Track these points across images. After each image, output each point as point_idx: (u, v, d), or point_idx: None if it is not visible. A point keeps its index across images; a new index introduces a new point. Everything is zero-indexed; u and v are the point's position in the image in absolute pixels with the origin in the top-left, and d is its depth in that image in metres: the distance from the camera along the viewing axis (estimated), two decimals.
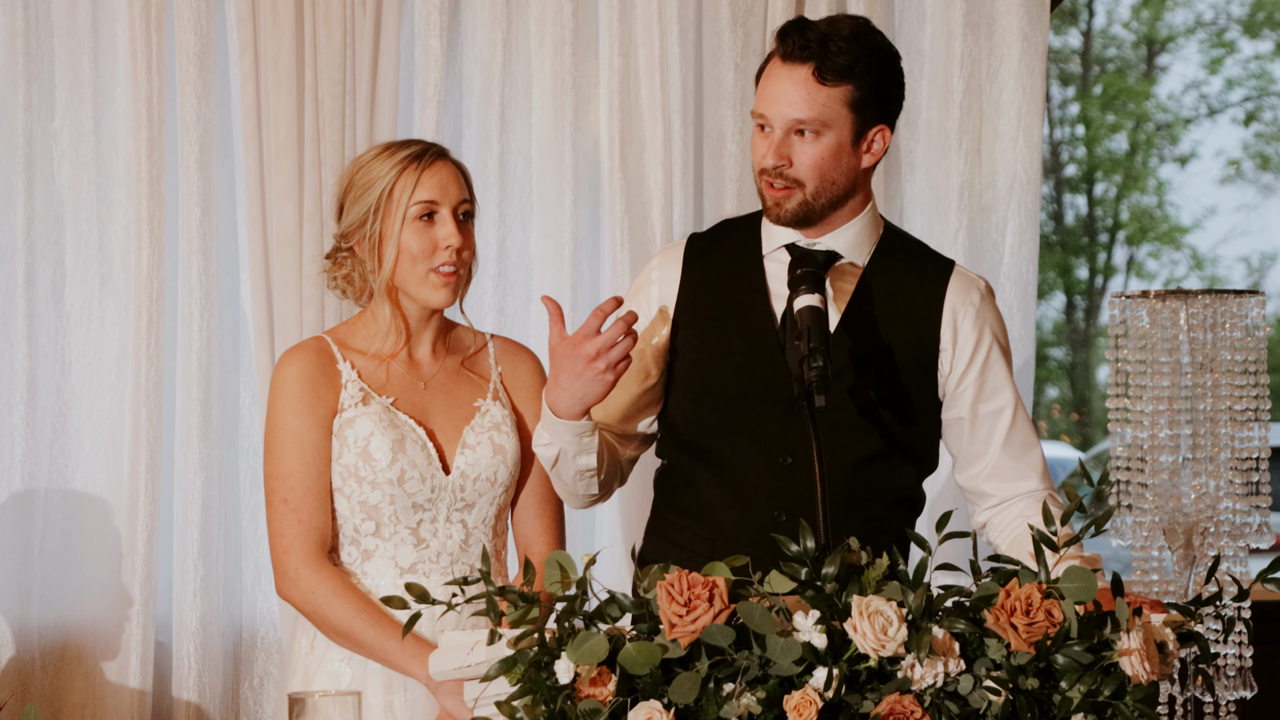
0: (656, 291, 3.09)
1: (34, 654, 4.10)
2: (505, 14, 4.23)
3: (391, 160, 3.05)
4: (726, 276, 3.05)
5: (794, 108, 2.90)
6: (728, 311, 3.03)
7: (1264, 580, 2.42)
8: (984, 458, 3.06)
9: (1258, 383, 3.16)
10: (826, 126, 2.91)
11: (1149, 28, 17.85)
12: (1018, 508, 3.05)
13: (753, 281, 3.03)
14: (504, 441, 3.11)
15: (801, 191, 2.94)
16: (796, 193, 2.94)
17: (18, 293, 4.09)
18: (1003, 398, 3.07)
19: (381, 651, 2.98)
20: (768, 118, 2.93)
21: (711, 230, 3.17)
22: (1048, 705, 2.25)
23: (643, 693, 2.20)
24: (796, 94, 2.90)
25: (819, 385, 2.67)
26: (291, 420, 3.04)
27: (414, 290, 3.06)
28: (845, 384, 2.97)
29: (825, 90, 2.90)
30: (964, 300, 3.05)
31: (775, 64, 2.93)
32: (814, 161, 2.93)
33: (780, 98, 2.90)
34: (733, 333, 3.02)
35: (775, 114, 2.91)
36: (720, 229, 3.16)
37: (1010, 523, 3.04)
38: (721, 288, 3.05)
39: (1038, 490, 3.06)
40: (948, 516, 2.34)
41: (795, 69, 2.90)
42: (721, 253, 3.08)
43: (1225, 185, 17.71)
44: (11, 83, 4.10)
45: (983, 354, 3.05)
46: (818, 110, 2.90)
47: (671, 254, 3.11)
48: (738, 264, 3.05)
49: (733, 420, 3.00)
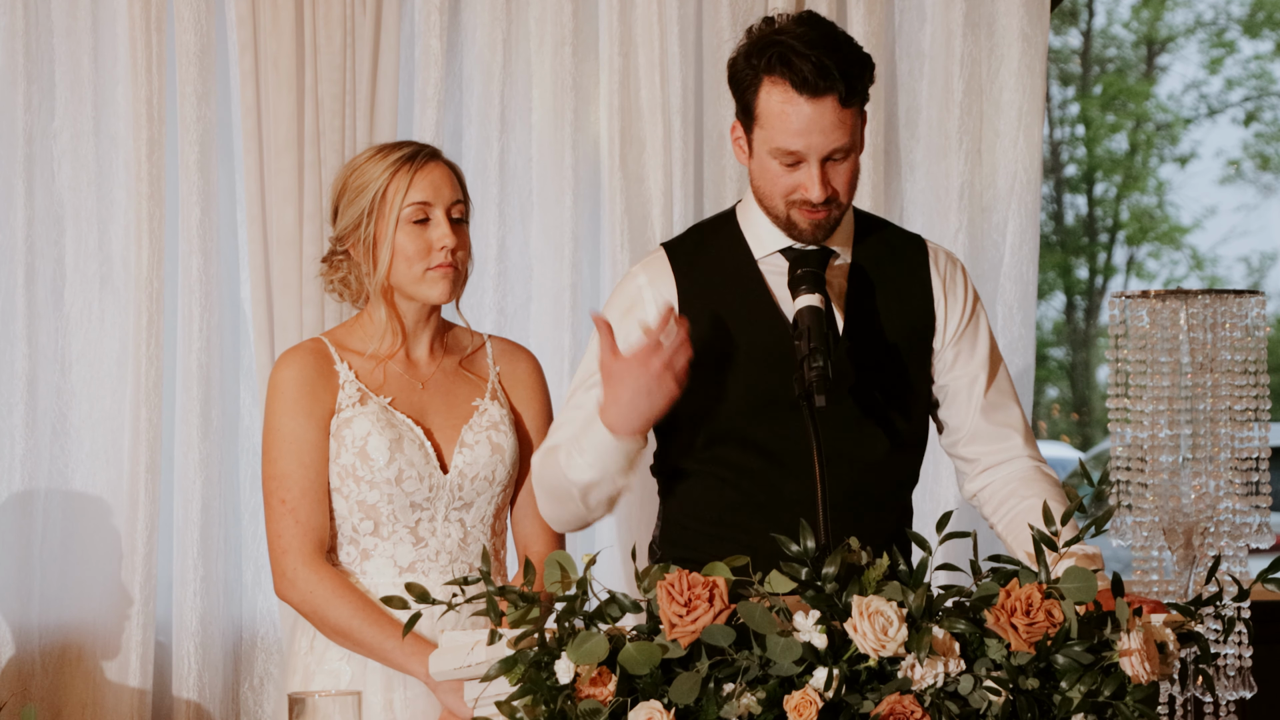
0: (654, 306, 3.01)
1: (34, 654, 4.10)
2: (505, 14, 4.23)
3: (384, 162, 3.05)
4: (724, 283, 3.02)
5: (829, 139, 2.86)
6: (735, 318, 3.01)
7: (1264, 580, 2.42)
8: (969, 418, 3.09)
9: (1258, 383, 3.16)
10: (855, 146, 2.91)
11: (1149, 28, 17.85)
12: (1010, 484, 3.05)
13: (754, 286, 3.01)
14: (502, 441, 3.11)
15: (839, 210, 2.95)
16: (834, 213, 2.94)
17: (18, 293, 4.09)
18: (988, 356, 3.11)
19: (381, 650, 2.98)
20: (801, 153, 2.87)
21: (688, 237, 3.12)
22: (1048, 705, 2.25)
23: (643, 693, 2.20)
24: (829, 124, 2.85)
25: (819, 385, 2.67)
26: (289, 421, 3.04)
27: (411, 289, 3.06)
28: (851, 383, 2.97)
29: (849, 113, 2.88)
30: (947, 269, 3.10)
31: (788, 95, 2.85)
32: (848, 181, 2.92)
33: (814, 130, 2.85)
34: (745, 339, 2.99)
35: (812, 146, 2.86)
36: (697, 234, 3.11)
37: (1005, 502, 3.05)
38: (722, 295, 3.01)
39: (1022, 456, 3.08)
40: (948, 516, 2.34)
41: (821, 101, 2.84)
42: (710, 259, 3.04)
43: (1225, 185, 17.72)
44: (11, 83, 4.10)
45: (969, 318, 3.09)
46: (848, 135, 2.88)
47: (657, 265, 3.05)
48: (732, 269, 3.02)
49: (760, 425, 2.98)
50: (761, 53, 2.88)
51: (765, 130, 2.89)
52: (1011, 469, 3.08)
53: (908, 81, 4.40)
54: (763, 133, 2.89)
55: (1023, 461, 3.08)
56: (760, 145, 2.91)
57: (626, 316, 3.01)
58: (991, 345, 3.12)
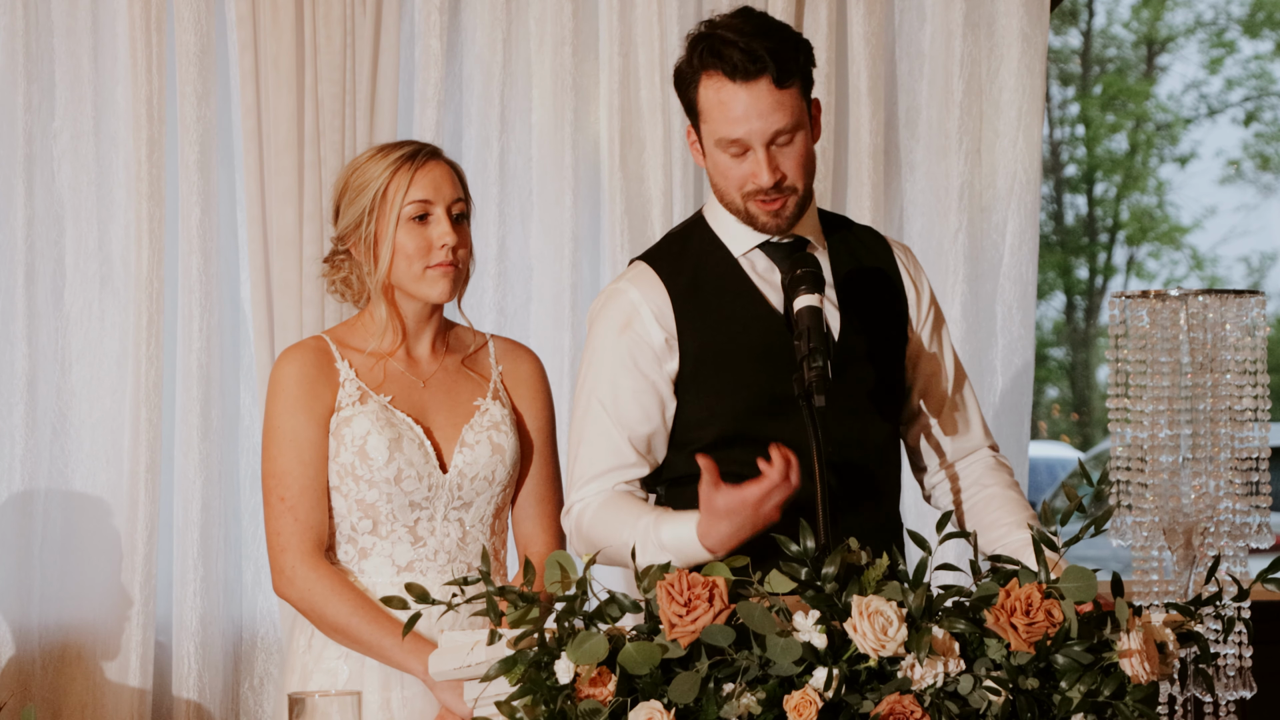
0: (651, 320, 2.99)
1: (34, 654, 4.10)
2: (505, 14, 4.23)
3: (385, 161, 3.06)
4: (712, 287, 3.01)
5: (768, 121, 2.88)
6: (730, 320, 3.01)
7: (1264, 580, 2.42)
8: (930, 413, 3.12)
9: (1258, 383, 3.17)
10: (798, 126, 2.91)
11: (1149, 28, 17.85)
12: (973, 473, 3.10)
13: (740, 286, 3.01)
14: (503, 441, 3.11)
15: (795, 196, 2.95)
16: (791, 199, 2.95)
17: (18, 293, 4.09)
18: (946, 350, 3.14)
19: (379, 648, 2.99)
20: (744, 140, 2.89)
21: (664, 247, 3.10)
22: (1048, 705, 2.25)
23: (643, 693, 2.20)
24: (765, 106, 2.87)
25: (819, 385, 2.67)
26: (288, 419, 3.04)
27: (412, 288, 3.06)
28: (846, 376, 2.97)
29: (786, 93, 2.89)
30: (908, 260, 3.13)
31: (722, 84, 2.88)
32: (799, 163, 2.93)
33: (752, 115, 2.88)
34: (744, 338, 3.00)
35: (753, 132, 2.88)
36: (672, 244, 3.10)
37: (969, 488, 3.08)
38: (713, 299, 3.00)
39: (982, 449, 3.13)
40: (948, 516, 2.35)
41: (753, 84, 2.87)
42: (692, 266, 3.03)
43: (1225, 185, 17.72)
44: (11, 83, 4.10)
45: (930, 306, 3.13)
46: (787, 115, 2.89)
47: (644, 278, 3.02)
48: (717, 272, 3.01)
49: (770, 421, 2.98)
50: (695, 49, 2.92)
51: (709, 124, 2.92)
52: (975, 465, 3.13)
53: (908, 81, 4.40)
54: (707, 127, 2.92)
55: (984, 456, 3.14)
56: (708, 140, 2.94)
57: (625, 332, 2.99)
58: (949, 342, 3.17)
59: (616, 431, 2.97)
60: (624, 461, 2.98)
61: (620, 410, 2.97)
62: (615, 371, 2.98)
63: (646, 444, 3.00)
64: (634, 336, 2.98)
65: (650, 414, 2.98)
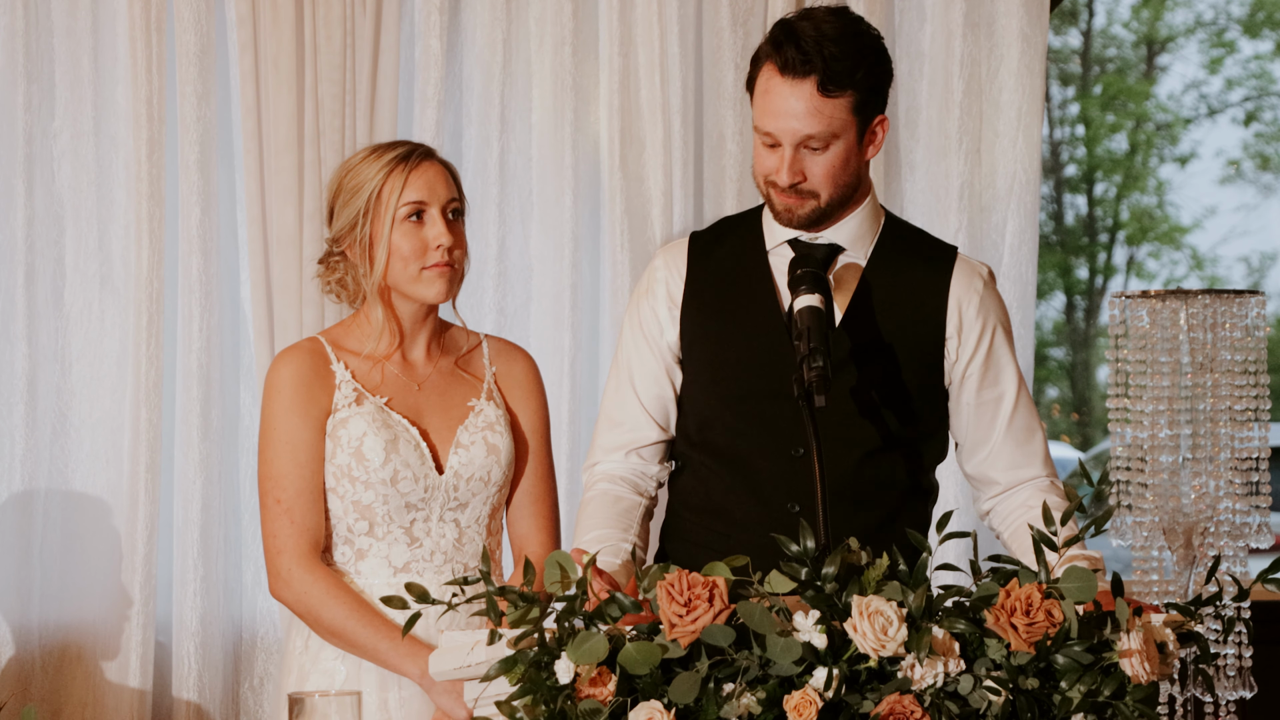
0: (664, 289, 3.08)
1: (34, 654, 4.10)
2: (505, 14, 4.23)
3: (378, 162, 3.06)
4: (732, 272, 3.06)
5: (802, 124, 2.87)
6: (735, 306, 3.04)
7: (1264, 580, 2.42)
8: (987, 444, 3.06)
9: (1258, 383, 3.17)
10: (835, 137, 2.89)
11: (1149, 28, 17.85)
12: (1021, 496, 3.04)
13: (759, 277, 3.03)
14: (498, 441, 3.11)
15: (816, 200, 2.94)
16: (810, 202, 2.94)
17: (18, 293, 4.09)
18: (1005, 384, 3.06)
19: (375, 651, 2.98)
20: (775, 135, 2.90)
21: (713, 228, 3.17)
22: (1048, 705, 2.25)
23: (643, 693, 2.20)
24: (802, 109, 2.86)
25: (819, 385, 2.67)
26: (284, 421, 3.04)
27: (408, 289, 3.06)
28: (850, 377, 2.97)
29: (831, 102, 2.87)
30: (968, 288, 3.05)
31: (773, 77, 2.89)
32: (826, 172, 2.92)
33: (786, 114, 2.87)
34: (741, 327, 3.02)
35: (783, 130, 2.88)
36: (722, 226, 3.16)
37: (1013, 512, 3.04)
38: (728, 283, 3.05)
39: (1040, 477, 3.06)
40: (948, 516, 2.34)
41: (798, 84, 2.86)
42: (725, 249, 3.08)
43: (1225, 185, 17.71)
44: (11, 83, 4.10)
45: (987, 341, 3.04)
46: (825, 123, 2.87)
47: (675, 251, 3.12)
48: (742, 260, 3.05)
49: (744, 414, 3.00)
50: (771, 32, 2.94)
51: (755, 108, 2.95)
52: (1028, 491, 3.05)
53: (908, 81, 4.40)
54: (754, 112, 2.95)
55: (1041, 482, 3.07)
56: (754, 125, 2.96)
57: (643, 298, 3.11)
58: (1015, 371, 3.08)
59: (629, 392, 3.08)
60: (634, 423, 3.08)
61: (632, 372, 3.09)
62: (633, 333, 3.10)
63: (660, 407, 3.08)
64: (648, 303, 3.10)
65: (659, 379, 3.07)
